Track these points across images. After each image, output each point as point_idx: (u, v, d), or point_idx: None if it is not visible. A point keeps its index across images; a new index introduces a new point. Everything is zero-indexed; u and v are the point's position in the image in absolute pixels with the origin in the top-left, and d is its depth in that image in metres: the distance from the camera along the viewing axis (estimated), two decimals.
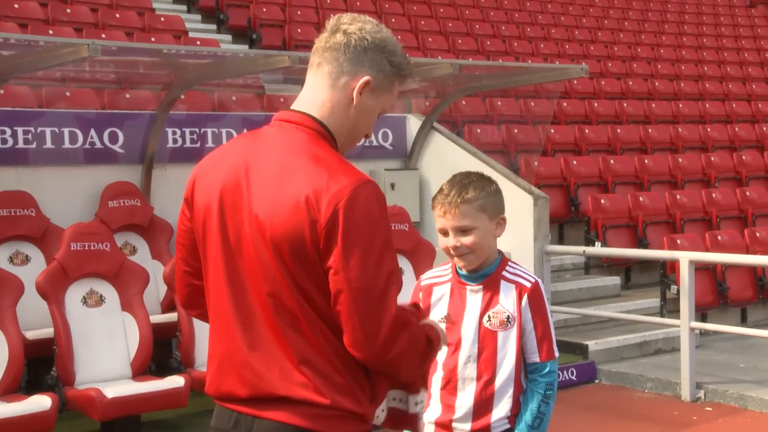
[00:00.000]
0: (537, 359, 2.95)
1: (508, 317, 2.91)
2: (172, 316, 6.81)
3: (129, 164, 7.71)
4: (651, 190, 11.33)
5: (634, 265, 10.20)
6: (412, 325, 2.25)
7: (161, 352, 6.64)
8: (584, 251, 8.94)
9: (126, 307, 6.33)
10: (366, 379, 2.25)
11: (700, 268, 8.97)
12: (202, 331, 6.26)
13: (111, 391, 5.66)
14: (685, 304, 7.47)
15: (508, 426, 2.95)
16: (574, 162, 11.14)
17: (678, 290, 8.60)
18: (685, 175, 12.02)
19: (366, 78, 2.27)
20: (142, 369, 6.24)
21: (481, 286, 2.95)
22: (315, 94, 2.30)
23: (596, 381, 8.06)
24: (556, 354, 3.00)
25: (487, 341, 2.93)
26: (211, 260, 2.31)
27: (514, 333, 2.91)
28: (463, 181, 2.95)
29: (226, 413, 2.27)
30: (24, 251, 7.10)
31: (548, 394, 2.95)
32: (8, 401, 5.48)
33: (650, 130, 13.05)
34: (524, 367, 2.98)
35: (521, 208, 8.45)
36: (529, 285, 2.95)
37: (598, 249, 9.59)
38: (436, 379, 3.02)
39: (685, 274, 7.46)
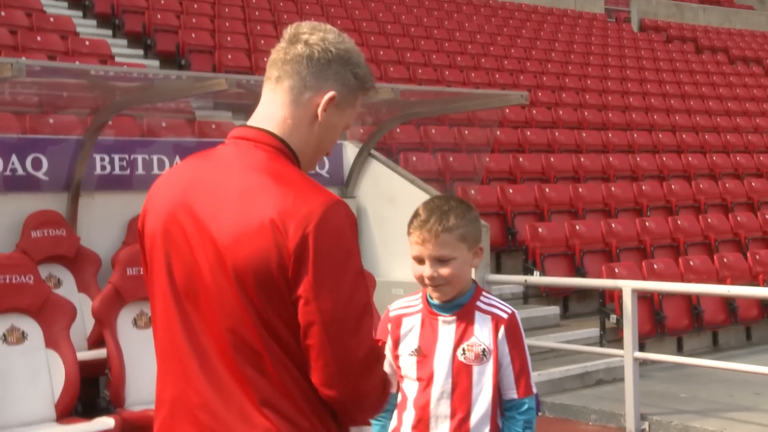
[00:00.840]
0: (515, 395, 2.77)
1: (484, 350, 2.73)
2: (100, 353, 6.41)
3: (53, 192, 7.30)
4: (586, 218, 11.33)
5: (572, 294, 10.15)
6: (383, 359, 2.08)
7: (88, 391, 6.28)
8: (526, 280, 8.83)
9: (51, 344, 5.92)
10: (333, 423, 2.02)
11: (639, 297, 8.94)
12: (133, 368, 5.95)
13: None
14: (629, 334, 7.39)
15: None
16: (510, 190, 11.09)
17: (617, 319, 8.57)
18: (618, 203, 12.07)
19: (331, 93, 2.09)
20: (68, 410, 5.85)
21: (454, 317, 2.77)
22: (274, 110, 2.09)
23: (539, 413, 7.91)
24: (534, 390, 2.83)
25: (461, 376, 2.74)
26: (159, 295, 2.07)
27: (490, 367, 2.72)
28: (443, 207, 2.75)
29: None
30: None
31: None
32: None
33: (582, 159, 13.10)
34: (500, 404, 2.78)
35: None
36: (506, 316, 2.78)
37: (539, 278, 9.50)
38: (407, 418, 2.81)
39: (627, 303, 7.39)
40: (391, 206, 8.84)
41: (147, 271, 2.12)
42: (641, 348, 9.28)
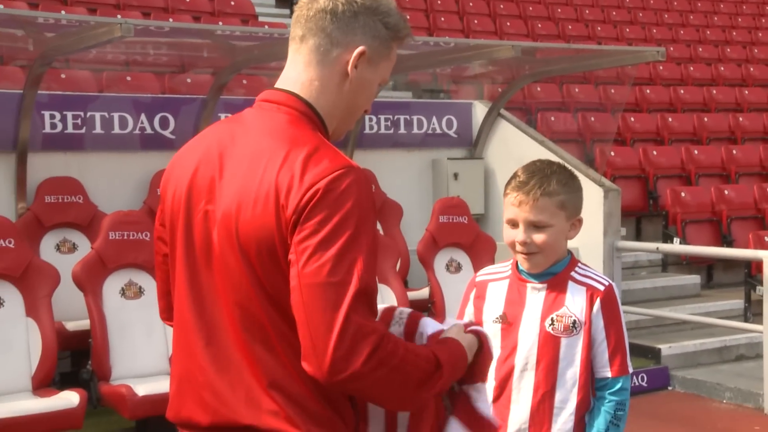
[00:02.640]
0: (608, 374, 2.56)
1: (575, 322, 2.54)
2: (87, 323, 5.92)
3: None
4: (739, 182, 10.62)
5: (717, 263, 9.56)
6: (388, 337, 1.80)
7: (84, 363, 5.86)
8: (657, 248, 8.35)
9: (30, 312, 5.81)
10: (349, 408, 1.89)
11: None
12: (120, 339, 5.74)
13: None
14: None
15: None
16: (654, 152, 10.52)
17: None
18: None
19: (361, 48, 1.94)
20: (45, 382, 5.48)
21: (545, 285, 2.59)
22: (300, 71, 1.97)
23: (669, 388, 7.52)
24: (630, 369, 2.60)
25: (548, 348, 2.55)
26: (177, 266, 2.00)
27: (580, 341, 2.54)
28: (545, 170, 2.57)
29: None
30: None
31: (619, 415, 2.55)
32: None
33: (741, 119, 12.27)
34: (592, 383, 2.58)
35: (591, 200, 7.85)
36: (602, 288, 2.58)
37: (672, 246, 8.99)
38: (488, 390, 2.66)
39: None
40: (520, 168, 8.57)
41: (169, 240, 2.04)
42: None
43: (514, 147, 8.65)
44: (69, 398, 5.21)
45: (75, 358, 6.48)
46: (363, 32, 1.95)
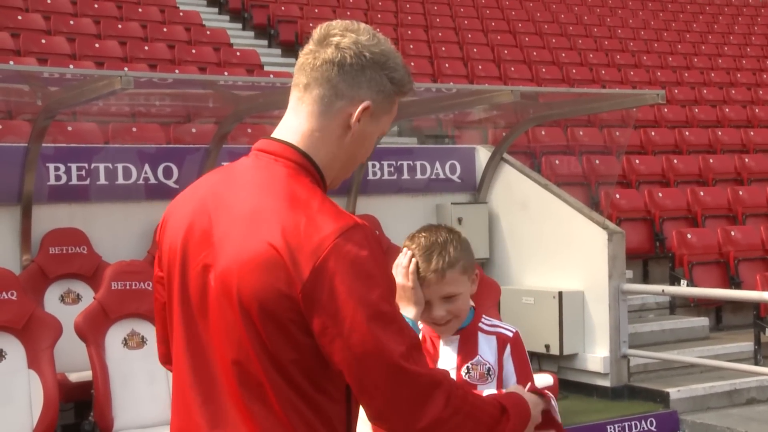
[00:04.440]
0: None
1: (489, 370, 2.61)
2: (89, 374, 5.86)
3: None
4: (746, 223, 10.57)
5: (726, 305, 9.48)
6: (450, 384, 1.86)
7: (86, 414, 5.91)
8: (663, 290, 8.31)
9: (32, 365, 5.78)
10: None
11: None
12: (122, 390, 5.75)
13: None
14: None
15: None
16: (660, 194, 10.51)
17: None
18: None
19: (366, 103, 1.92)
20: None
21: (458, 336, 2.65)
22: (301, 121, 1.94)
23: None
24: None
25: None
26: (174, 319, 1.98)
27: (493, 387, 2.59)
28: (437, 239, 2.57)
29: None
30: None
31: None
32: None
33: (746, 160, 12.26)
34: None
35: (595, 244, 7.91)
36: (510, 335, 2.67)
37: (678, 288, 8.94)
38: None
39: None
40: (523, 212, 8.57)
41: (167, 291, 2.03)
42: None
43: (517, 191, 8.65)
44: None
45: (78, 410, 6.45)
46: (369, 86, 1.93)
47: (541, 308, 8.01)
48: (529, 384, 2.39)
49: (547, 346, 8.01)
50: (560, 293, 7.91)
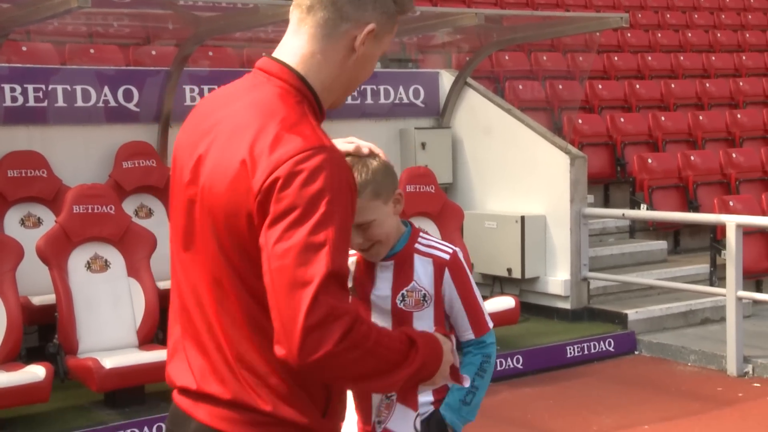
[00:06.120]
0: (471, 336, 2.64)
1: (424, 296, 2.56)
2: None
3: (145, 123, 7.43)
4: (705, 148, 10.69)
5: (684, 228, 9.65)
6: (361, 319, 1.79)
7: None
8: (623, 214, 8.42)
9: (132, 273, 6.08)
10: (319, 387, 1.89)
11: (753, 232, 8.41)
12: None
13: (110, 362, 5.43)
14: (732, 272, 6.97)
15: (433, 409, 2.65)
16: (622, 119, 10.57)
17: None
18: (743, 132, 11.32)
19: (371, 26, 1.91)
20: (149, 337, 6.01)
21: (392, 262, 2.56)
22: (302, 43, 1.92)
23: (635, 353, 7.61)
24: (490, 325, 2.66)
25: (401, 324, 2.53)
26: (171, 241, 2.01)
27: (430, 312, 2.56)
28: None
29: (173, 407, 2.00)
30: (36, 213, 6.91)
31: (485, 367, 2.63)
32: (6, 370, 5.29)
33: (707, 85, 12.34)
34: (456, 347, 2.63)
35: (557, 168, 7.97)
36: (447, 257, 2.58)
37: (638, 212, 9.06)
38: None
39: (731, 239, 6.95)
40: (487, 137, 8.58)
41: (171, 211, 2.04)
42: (758, 286, 8.78)
43: (481, 116, 8.65)
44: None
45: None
46: (374, 8, 1.92)
47: (503, 232, 8.09)
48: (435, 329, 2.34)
49: (509, 270, 8.11)
50: (522, 217, 7.99)
